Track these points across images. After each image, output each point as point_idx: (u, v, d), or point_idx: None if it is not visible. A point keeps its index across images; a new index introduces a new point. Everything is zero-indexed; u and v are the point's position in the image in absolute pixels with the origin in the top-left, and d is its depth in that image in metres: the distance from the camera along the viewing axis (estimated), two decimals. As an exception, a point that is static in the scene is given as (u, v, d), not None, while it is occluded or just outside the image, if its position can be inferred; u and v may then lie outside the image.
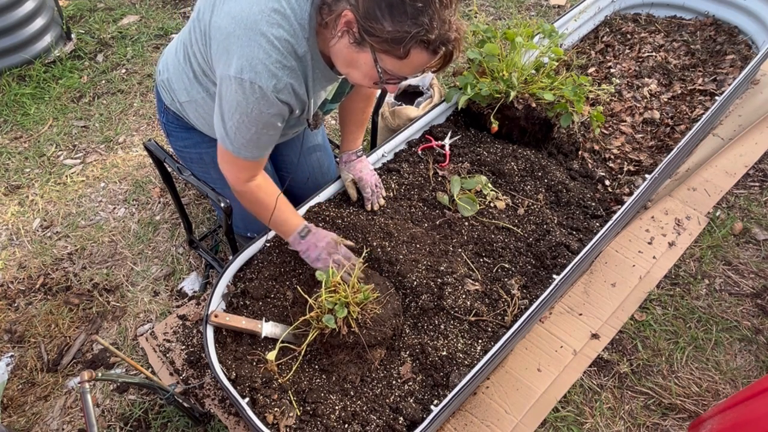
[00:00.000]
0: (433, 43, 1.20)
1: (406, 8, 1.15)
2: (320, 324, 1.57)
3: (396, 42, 1.18)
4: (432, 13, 1.16)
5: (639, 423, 1.80)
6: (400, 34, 1.17)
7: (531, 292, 1.82)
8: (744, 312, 2.05)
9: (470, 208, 1.99)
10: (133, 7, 3.59)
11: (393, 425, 1.54)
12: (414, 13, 1.15)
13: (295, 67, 1.34)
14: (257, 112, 1.36)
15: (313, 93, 1.47)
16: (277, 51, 1.29)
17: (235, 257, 1.81)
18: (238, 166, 1.54)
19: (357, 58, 1.28)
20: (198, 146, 1.82)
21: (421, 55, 1.22)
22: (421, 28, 1.16)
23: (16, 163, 2.66)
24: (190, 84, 1.60)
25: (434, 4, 1.16)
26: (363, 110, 1.90)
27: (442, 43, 1.21)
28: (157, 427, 1.81)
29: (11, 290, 2.20)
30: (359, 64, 1.29)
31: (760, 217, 2.32)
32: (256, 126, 1.41)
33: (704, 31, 2.84)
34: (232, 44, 1.30)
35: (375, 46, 1.22)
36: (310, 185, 2.05)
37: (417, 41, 1.18)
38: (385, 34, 1.18)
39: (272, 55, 1.29)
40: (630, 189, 2.18)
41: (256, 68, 1.29)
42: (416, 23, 1.16)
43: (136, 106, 2.95)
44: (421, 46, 1.20)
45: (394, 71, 1.27)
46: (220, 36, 1.33)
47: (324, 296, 1.55)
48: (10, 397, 1.90)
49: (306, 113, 1.52)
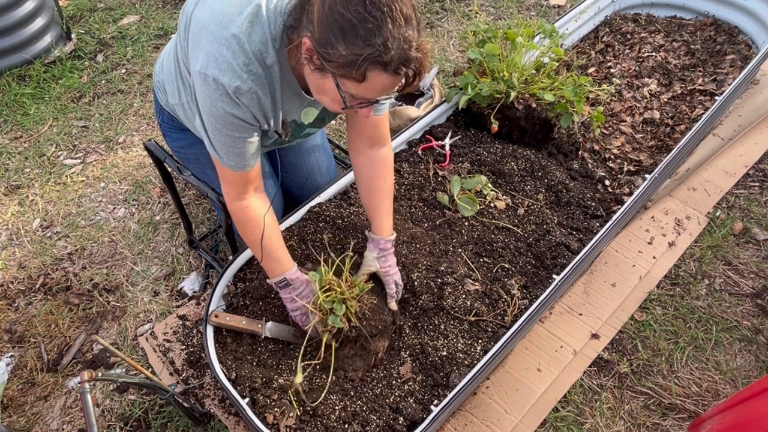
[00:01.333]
0: (390, 64, 1.15)
1: (358, 30, 1.11)
2: (327, 327, 1.57)
3: (350, 66, 1.15)
4: (386, 34, 1.11)
5: (639, 423, 1.80)
6: (353, 57, 1.13)
7: (531, 292, 1.82)
8: (744, 312, 2.05)
9: (470, 208, 1.99)
10: (133, 7, 3.58)
11: (393, 425, 1.54)
12: (366, 35, 1.11)
13: (261, 74, 1.31)
14: (221, 111, 1.33)
15: (281, 105, 1.43)
16: (245, 54, 1.27)
17: (235, 257, 1.81)
18: (227, 180, 1.49)
19: (323, 84, 1.26)
20: (194, 146, 1.82)
21: (381, 76, 1.18)
22: (374, 49, 1.12)
23: (16, 163, 2.66)
24: (179, 86, 1.60)
25: (387, 24, 1.11)
26: (383, 177, 1.68)
27: (400, 63, 1.16)
28: (157, 427, 1.81)
29: (11, 290, 2.20)
30: (326, 90, 1.27)
31: (760, 217, 2.32)
32: (225, 127, 1.36)
33: (704, 31, 2.85)
34: (204, 38, 1.29)
35: (333, 72, 1.19)
36: (310, 186, 2.05)
37: (371, 62, 1.14)
38: (340, 59, 1.14)
39: (239, 57, 1.27)
40: (630, 189, 2.18)
41: (221, 66, 1.27)
42: (369, 44, 1.12)
43: (136, 106, 2.95)
44: (378, 68, 1.15)
45: (359, 95, 1.24)
46: (196, 28, 1.32)
47: (321, 297, 1.55)
48: (10, 397, 1.90)
49: (274, 125, 1.48)
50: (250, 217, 1.52)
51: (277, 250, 1.57)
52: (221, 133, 1.38)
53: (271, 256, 1.57)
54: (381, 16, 1.10)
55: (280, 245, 1.59)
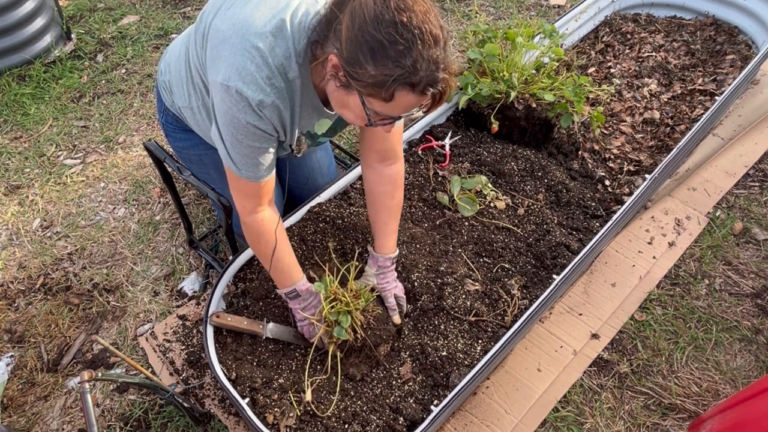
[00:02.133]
0: (418, 85, 1.16)
1: (388, 51, 1.11)
2: (334, 338, 1.57)
3: (379, 86, 1.15)
4: (416, 55, 1.12)
5: (639, 423, 1.80)
6: (382, 77, 1.14)
7: (531, 292, 1.82)
8: (744, 312, 2.05)
9: (470, 208, 1.99)
10: (133, 7, 3.58)
11: (393, 425, 1.54)
12: (396, 56, 1.12)
13: (283, 88, 1.32)
14: (244, 123, 1.33)
15: (298, 120, 1.44)
16: (269, 68, 1.27)
17: (235, 257, 1.81)
18: (243, 192, 1.49)
19: (347, 100, 1.26)
20: (197, 147, 1.82)
21: (408, 96, 1.19)
22: (404, 70, 1.13)
23: (16, 163, 2.66)
24: (189, 90, 1.59)
25: (417, 45, 1.11)
26: (391, 195, 1.68)
27: (428, 84, 1.17)
28: (157, 427, 1.81)
29: (11, 290, 2.19)
30: (350, 106, 1.27)
31: (760, 217, 2.32)
32: (246, 138, 1.37)
33: (704, 31, 2.85)
34: (225, 50, 1.29)
35: (360, 90, 1.19)
36: (310, 185, 2.05)
37: (401, 84, 1.15)
38: (369, 78, 1.15)
39: (263, 70, 1.27)
40: (630, 189, 2.18)
41: (244, 78, 1.27)
42: (399, 66, 1.12)
43: (136, 106, 2.95)
44: (406, 88, 1.16)
45: (384, 113, 1.25)
46: (216, 39, 1.32)
47: (326, 309, 1.55)
48: (10, 397, 1.90)
49: (289, 139, 1.49)
50: (264, 230, 1.52)
51: (289, 263, 1.60)
52: (242, 144, 1.38)
53: (283, 270, 1.59)
54: (411, 38, 1.11)
55: (291, 259, 1.61)
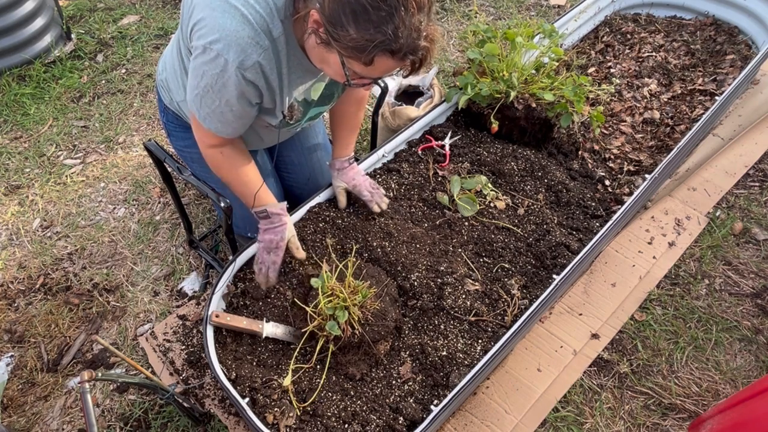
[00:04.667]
0: (398, 52, 1.16)
1: (371, 16, 1.11)
2: (324, 332, 1.57)
3: (359, 50, 1.16)
4: (397, 22, 1.12)
5: (639, 423, 1.80)
6: (363, 42, 1.14)
7: (531, 292, 1.82)
8: (744, 312, 2.05)
9: (470, 208, 1.99)
10: (133, 7, 3.59)
11: (393, 425, 1.54)
12: (378, 22, 1.12)
13: (268, 47, 1.30)
14: (220, 85, 1.33)
15: (287, 81, 1.43)
16: (251, 27, 1.26)
17: (235, 257, 1.81)
18: (203, 132, 1.51)
19: (327, 57, 1.26)
20: (198, 146, 1.82)
21: (388, 62, 1.19)
22: (385, 37, 1.13)
23: (16, 163, 2.66)
24: (183, 83, 1.59)
25: (399, 12, 1.11)
26: (354, 114, 1.82)
27: (408, 51, 1.17)
28: (157, 427, 1.81)
29: (11, 290, 2.20)
30: (330, 63, 1.27)
31: (760, 217, 2.32)
32: (219, 99, 1.37)
33: (704, 31, 2.84)
34: (208, 15, 1.28)
35: (341, 51, 1.19)
36: (311, 185, 2.05)
37: (381, 50, 1.15)
38: (349, 42, 1.15)
39: (245, 29, 1.26)
40: (630, 189, 2.18)
41: (226, 39, 1.26)
42: (380, 31, 1.12)
43: (136, 106, 2.95)
44: (386, 54, 1.17)
45: (362, 74, 1.25)
46: (199, 9, 1.31)
47: (323, 302, 1.55)
48: (10, 397, 1.90)
49: (279, 104, 1.48)
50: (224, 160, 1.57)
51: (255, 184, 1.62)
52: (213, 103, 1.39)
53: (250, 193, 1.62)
54: (395, 4, 1.11)
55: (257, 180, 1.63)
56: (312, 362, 1.62)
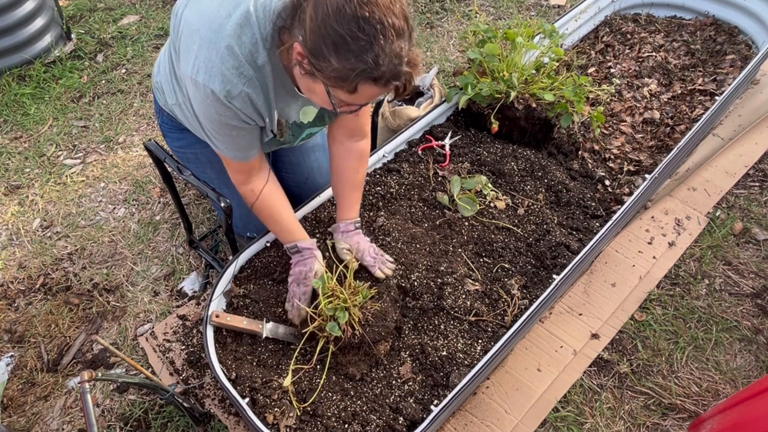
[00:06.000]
0: (380, 79, 1.17)
1: (350, 46, 1.12)
2: (325, 333, 1.57)
3: (342, 79, 1.17)
4: (377, 50, 1.12)
5: (639, 423, 1.80)
6: (345, 72, 1.15)
7: (531, 292, 1.82)
8: (744, 312, 2.05)
9: (470, 208, 1.99)
10: (133, 7, 3.59)
11: (393, 425, 1.54)
12: (358, 51, 1.12)
13: (252, 76, 1.33)
14: (216, 115, 1.37)
15: (275, 105, 1.45)
16: (235, 58, 1.28)
17: (235, 257, 1.81)
18: (231, 168, 1.57)
19: (313, 86, 1.28)
20: (193, 146, 1.82)
21: (371, 89, 1.20)
22: (366, 65, 1.13)
23: (16, 163, 2.66)
24: (174, 87, 1.61)
25: (378, 40, 1.12)
26: (356, 170, 1.74)
27: (391, 78, 1.18)
28: (157, 427, 1.81)
29: (11, 290, 2.20)
30: (316, 92, 1.29)
31: (760, 217, 2.32)
32: (222, 127, 1.41)
33: (704, 31, 2.84)
34: (194, 43, 1.30)
35: (324, 81, 1.21)
36: (309, 185, 2.04)
37: (363, 78, 1.16)
38: (332, 72, 1.16)
39: (229, 61, 1.28)
40: (630, 189, 2.18)
41: (210, 71, 1.29)
42: (361, 60, 1.13)
43: (136, 106, 2.95)
44: (369, 82, 1.17)
45: (348, 101, 1.26)
46: (187, 31, 1.33)
47: (323, 303, 1.55)
48: (10, 397, 1.90)
49: (269, 124, 1.50)
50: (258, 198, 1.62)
51: (288, 221, 1.70)
52: (220, 133, 1.44)
53: (282, 229, 1.70)
54: (373, 33, 1.11)
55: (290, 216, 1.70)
56: (312, 363, 1.62)
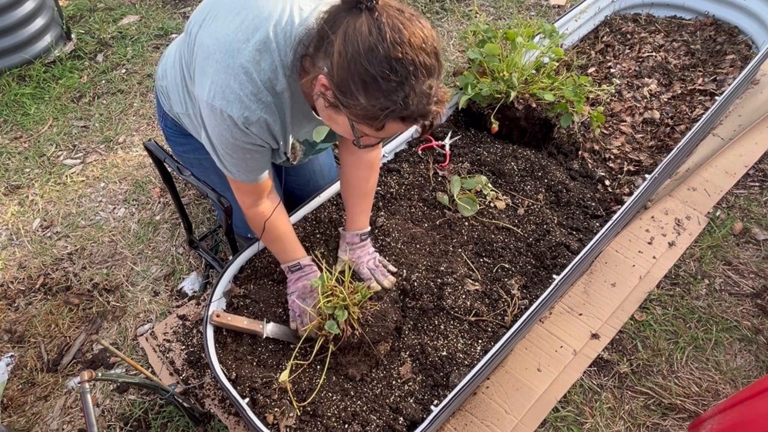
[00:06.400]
0: (409, 118, 1.16)
1: (381, 86, 1.09)
2: (324, 332, 1.57)
3: (370, 118, 1.15)
4: (407, 90, 1.11)
5: (639, 423, 1.80)
6: (374, 111, 1.13)
7: (531, 292, 1.82)
8: (744, 312, 2.05)
9: (470, 208, 1.99)
10: (133, 7, 3.58)
11: (393, 425, 1.54)
12: (388, 91, 1.10)
13: (270, 102, 1.30)
14: (232, 139, 1.34)
15: (291, 130, 1.44)
16: (253, 84, 1.26)
17: (235, 257, 1.81)
18: (240, 190, 1.54)
19: (335, 118, 1.25)
20: (197, 152, 1.82)
21: (398, 126, 1.18)
22: (395, 105, 1.11)
23: (16, 163, 2.66)
24: (185, 98, 1.59)
25: (410, 80, 1.10)
26: (366, 179, 1.71)
27: (419, 116, 1.16)
28: (157, 427, 1.81)
29: (11, 290, 2.20)
30: (338, 122, 1.27)
31: (760, 217, 2.32)
32: (236, 152, 1.39)
33: (704, 31, 2.85)
34: (210, 66, 1.28)
35: (350, 117, 1.19)
36: (311, 186, 2.05)
37: (391, 117, 1.14)
38: (360, 110, 1.14)
39: (247, 87, 1.26)
40: (630, 189, 2.18)
41: (227, 97, 1.26)
42: (390, 100, 1.11)
43: (136, 106, 2.95)
44: (397, 120, 1.16)
45: (372, 135, 1.24)
46: (202, 55, 1.31)
47: (322, 302, 1.55)
48: (10, 397, 1.90)
49: (283, 147, 1.49)
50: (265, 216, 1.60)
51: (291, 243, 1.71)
52: (231, 156, 1.41)
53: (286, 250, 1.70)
54: (405, 74, 1.10)
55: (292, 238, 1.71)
56: (310, 359, 1.62)
